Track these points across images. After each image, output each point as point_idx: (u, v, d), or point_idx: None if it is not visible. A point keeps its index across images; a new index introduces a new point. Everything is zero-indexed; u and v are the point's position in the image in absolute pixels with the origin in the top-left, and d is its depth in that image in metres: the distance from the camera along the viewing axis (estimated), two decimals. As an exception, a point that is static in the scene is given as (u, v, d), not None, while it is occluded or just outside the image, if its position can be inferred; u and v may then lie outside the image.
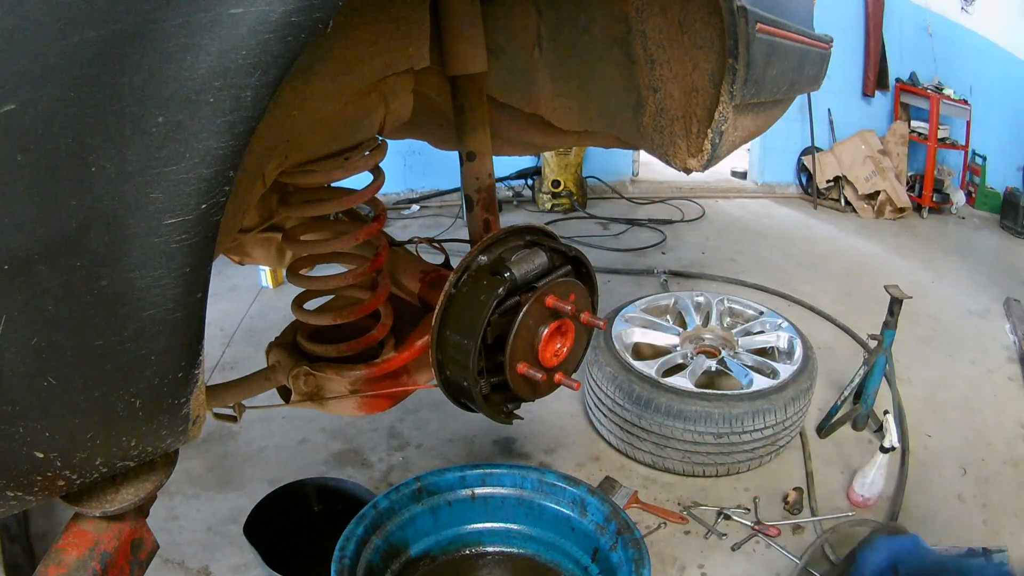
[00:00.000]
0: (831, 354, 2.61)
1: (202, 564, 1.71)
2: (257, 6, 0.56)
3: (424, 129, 1.68)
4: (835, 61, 1.83)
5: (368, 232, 1.19)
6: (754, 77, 1.17)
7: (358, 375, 1.22)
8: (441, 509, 1.46)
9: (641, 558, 1.26)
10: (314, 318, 1.26)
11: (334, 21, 0.61)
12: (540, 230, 1.22)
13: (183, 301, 0.62)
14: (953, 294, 3.26)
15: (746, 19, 1.07)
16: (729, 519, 1.85)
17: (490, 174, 1.33)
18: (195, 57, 0.55)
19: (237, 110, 0.58)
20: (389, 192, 4.45)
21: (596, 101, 1.38)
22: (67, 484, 0.67)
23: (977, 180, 4.70)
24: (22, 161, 0.51)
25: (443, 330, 1.10)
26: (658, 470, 2.03)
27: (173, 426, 0.70)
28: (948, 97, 4.51)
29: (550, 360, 1.14)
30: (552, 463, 2.08)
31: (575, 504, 1.44)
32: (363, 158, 1.14)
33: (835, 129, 4.81)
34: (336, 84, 1.01)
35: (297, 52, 0.60)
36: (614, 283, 3.29)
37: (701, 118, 1.25)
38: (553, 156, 4.26)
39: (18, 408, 0.58)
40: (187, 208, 0.58)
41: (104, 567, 0.80)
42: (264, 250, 1.38)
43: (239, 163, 0.60)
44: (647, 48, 1.24)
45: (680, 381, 1.99)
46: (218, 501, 1.92)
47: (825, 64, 1.74)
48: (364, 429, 2.22)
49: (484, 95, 1.28)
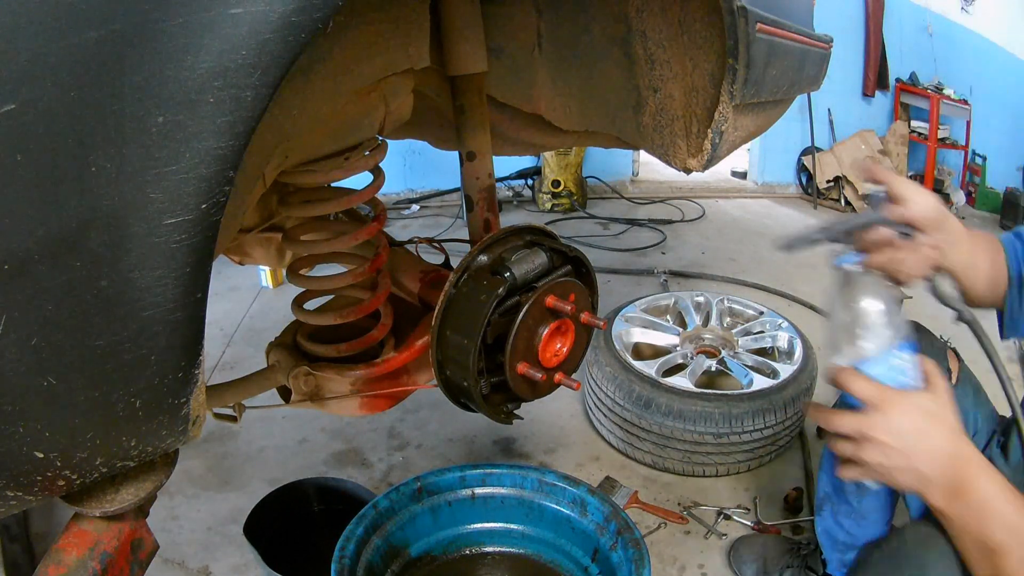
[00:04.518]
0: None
1: (202, 564, 1.71)
2: (257, 6, 0.56)
3: (424, 129, 1.68)
4: (835, 61, 1.82)
5: (368, 232, 1.19)
6: (754, 77, 1.17)
7: (358, 375, 1.22)
8: (441, 509, 1.45)
9: (641, 558, 1.26)
10: (314, 318, 1.26)
11: (334, 21, 0.61)
12: (540, 230, 1.21)
13: (183, 301, 0.62)
14: (953, 294, 3.26)
15: (746, 19, 1.07)
16: (729, 519, 1.85)
17: (490, 174, 1.33)
18: (195, 57, 0.55)
19: (237, 110, 0.58)
20: (389, 192, 4.45)
21: (596, 101, 1.38)
22: (67, 484, 0.67)
23: (977, 180, 4.70)
24: (22, 161, 0.51)
25: (443, 330, 1.10)
26: (658, 470, 2.03)
27: (173, 426, 0.70)
28: (948, 97, 4.51)
29: (550, 360, 1.14)
30: (552, 463, 2.08)
31: (575, 504, 1.44)
32: (363, 158, 1.14)
33: (835, 129, 4.81)
34: (336, 84, 1.01)
35: (297, 52, 0.60)
36: (614, 283, 3.29)
37: (701, 118, 1.25)
38: (553, 156, 4.26)
39: (18, 408, 0.58)
40: (187, 208, 0.58)
41: (104, 567, 0.80)
42: (264, 250, 1.38)
43: (239, 163, 0.60)
44: (647, 48, 1.24)
45: (680, 381, 1.99)
46: (218, 501, 1.92)
47: (825, 64, 1.74)
48: (364, 429, 2.22)
49: (484, 95, 1.28)
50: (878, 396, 0.86)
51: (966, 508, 0.83)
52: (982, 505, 0.82)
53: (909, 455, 0.84)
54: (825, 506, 1.43)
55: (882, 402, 0.85)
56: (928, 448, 0.84)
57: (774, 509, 1.90)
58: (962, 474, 0.83)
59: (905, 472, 0.85)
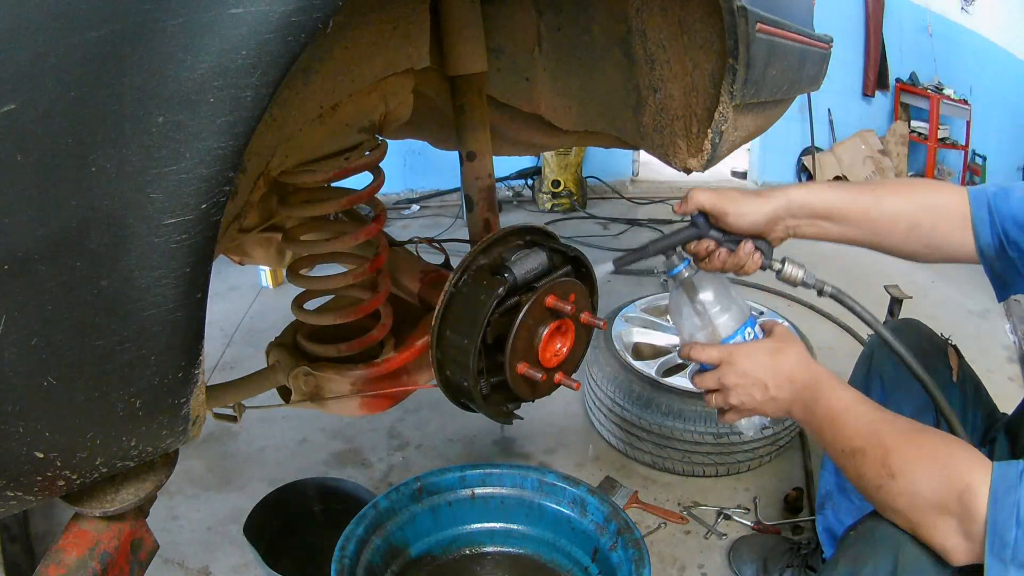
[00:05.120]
0: (831, 354, 2.61)
1: (202, 564, 1.71)
2: (257, 6, 0.56)
3: (424, 129, 1.69)
4: (835, 61, 1.83)
5: (368, 232, 1.19)
6: (754, 77, 1.17)
7: (358, 375, 1.22)
8: (441, 509, 1.45)
9: (641, 558, 1.26)
10: (314, 318, 1.26)
11: (334, 21, 0.61)
12: (540, 230, 1.21)
13: (183, 301, 0.62)
14: (953, 294, 3.26)
15: (746, 19, 1.07)
16: (729, 519, 1.85)
17: (490, 174, 1.33)
18: (195, 57, 0.55)
19: (237, 110, 0.58)
20: (389, 192, 4.45)
21: (596, 101, 1.39)
22: (67, 484, 0.67)
23: (977, 180, 4.70)
24: (22, 161, 0.51)
25: (443, 330, 1.10)
26: (658, 470, 2.03)
27: (173, 426, 0.70)
28: (948, 97, 4.51)
29: (550, 360, 1.14)
30: (552, 463, 2.08)
31: (575, 504, 1.44)
32: (363, 158, 1.14)
33: (835, 129, 4.81)
34: (336, 84, 1.01)
35: (297, 52, 0.60)
36: (614, 283, 3.29)
37: (701, 118, 1.25)
38: (553, 156, 4.26)
39: (18, 408, 0.58)
40: (187, 208, 0.58)
41: (104, 567, 0.80)
42: (264, 250, 1.38)
43: (239, 163, 0.60)
44: (647, 48, 1.24)
45: (680, 381, 1.99)
46: (218, 501, 1.92)
47: (825, 64, 1.74)
48: (364, 429, 2.22)
49: (484, 95, 1.28)
50: (723, 352, 1.03)
51: (824, 420, 0.95)
52: (836, 415, 0.94)
53: (766, 387, 0.99)
54: (827, 504, 1.43)
55: (728, 355, 1.02)
56: (779, 377, 0.99)
57: (774, 509, 1.90)
58: (814, 391, 0.97)
59: (767, 402, 1.01)
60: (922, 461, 0.83)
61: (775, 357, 1.00)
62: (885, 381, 1.33)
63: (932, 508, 0.80)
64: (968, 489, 0.77)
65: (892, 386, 1.31)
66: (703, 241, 1.07)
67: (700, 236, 1.07)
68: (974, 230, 1.00)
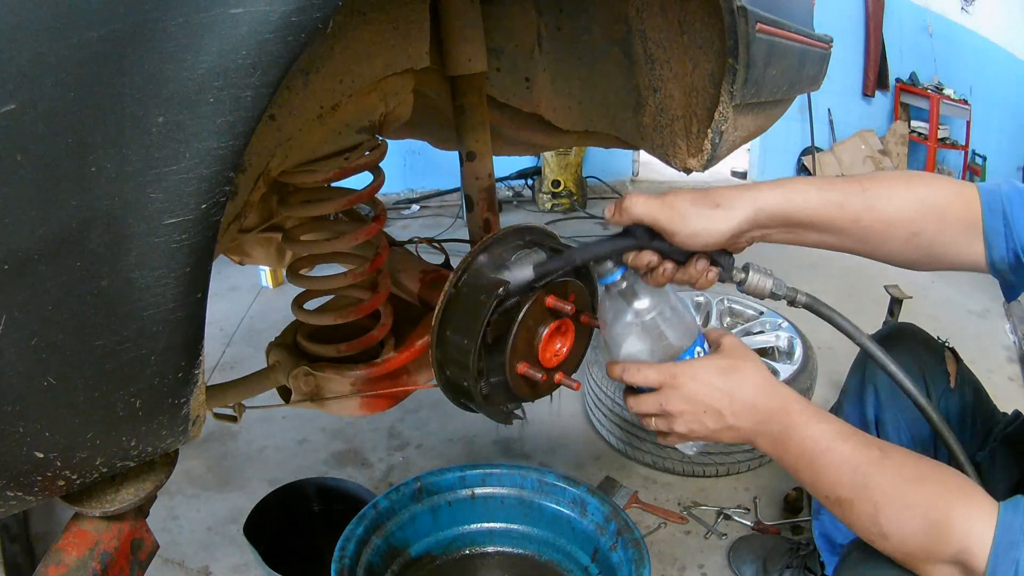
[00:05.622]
0: (831, 354, 2.61)
1: (202, 564, 1.71)
2: (257, 6, 0.56)
3: (424, 129, 1.69)
4: (835, 61, 1.83)
5: (368, 232, 1.19)
6: (754, 77, 1.17)
7: (358, 375, 1.22)
8: (441, 509, 1.45)
9: (641, 558, 1.26)
10: (314, 318, 1.26)
11: (334, 21, 0.61)
12: (540, 230, 1.21)
13: (183, 301, 0.62)
14: (953, 294, 3.26)
15: (746, 19, 1.07)
16: (729, 519, 1.85)
17: (490, 174, 1.33)
18: (195, 57, 0.55)
19: (237, 110, 0.58)
20: (389, 192, 4.45)
21: (596, 101, 1.39)
22: (67, 484, 0.67)
23: (977, 180, 4.70)
24: (22, 161, 0.51)
25: (443, 330, 1.10)
26: (658, 470, 2.03)
27: (173, 426, 0.70)
28: (948, 97, 4.52)
29: (550, 360, 1.14)
30: (552, 463, 2.08)
31: (575, 504, 1.44)
32: (363, 158, 1.14)
33: (835, 129, 4.81)
34: (336, 84, 1.01)
35: (297, 52, 0.60)
36: (614, 283, 3.29)
37: (701, 118, 1.25)
38: (553, 156, 4.26)
39: (18, 408, 0.58)
40: (187, 208, 0.58)
41: (104, 567, 0.80)
42: (264, 250, 1.38)
43: (239, 163, 0.60)
44: (647, 48, 1.24)
45: (680, 381, 1.99)
46: (218, 501, 1.92)
47: (825, 64, 1.74)
48: (364, 429, 2.22)
49: (484, 95, 1.28)
50: (663, 374, 0.87)
51: (800, 460, 0.83)
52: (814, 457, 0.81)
53: (720, 414, 0.85)
54: (823, 510, 1.43)
55: (671, 377, 0.86)
56: (737, 403, 0.85)
57: (774, 509, 1.90)
58: (783, 424, 0.83)
59: (723, 431, 0.86)
60: (916, 520, 0.75)
61: (729, 378, 0.86)
62: (880, 391, 1.26)
63: (929, 562, 0.76)
64: (965, 550, 0.72)
65: (888, 396, 1.25)
66: (643, 254, 0.89)
67: (639, 248, 0.89)
68: (986, 241, 0.87)
